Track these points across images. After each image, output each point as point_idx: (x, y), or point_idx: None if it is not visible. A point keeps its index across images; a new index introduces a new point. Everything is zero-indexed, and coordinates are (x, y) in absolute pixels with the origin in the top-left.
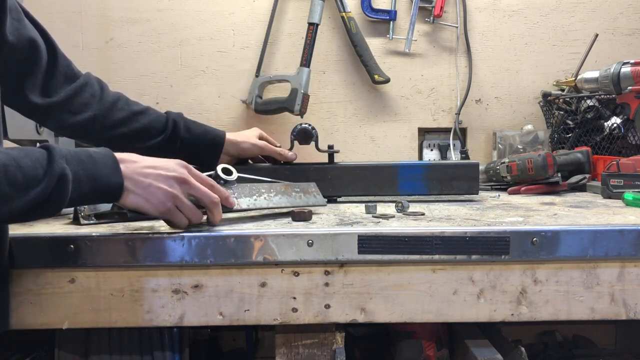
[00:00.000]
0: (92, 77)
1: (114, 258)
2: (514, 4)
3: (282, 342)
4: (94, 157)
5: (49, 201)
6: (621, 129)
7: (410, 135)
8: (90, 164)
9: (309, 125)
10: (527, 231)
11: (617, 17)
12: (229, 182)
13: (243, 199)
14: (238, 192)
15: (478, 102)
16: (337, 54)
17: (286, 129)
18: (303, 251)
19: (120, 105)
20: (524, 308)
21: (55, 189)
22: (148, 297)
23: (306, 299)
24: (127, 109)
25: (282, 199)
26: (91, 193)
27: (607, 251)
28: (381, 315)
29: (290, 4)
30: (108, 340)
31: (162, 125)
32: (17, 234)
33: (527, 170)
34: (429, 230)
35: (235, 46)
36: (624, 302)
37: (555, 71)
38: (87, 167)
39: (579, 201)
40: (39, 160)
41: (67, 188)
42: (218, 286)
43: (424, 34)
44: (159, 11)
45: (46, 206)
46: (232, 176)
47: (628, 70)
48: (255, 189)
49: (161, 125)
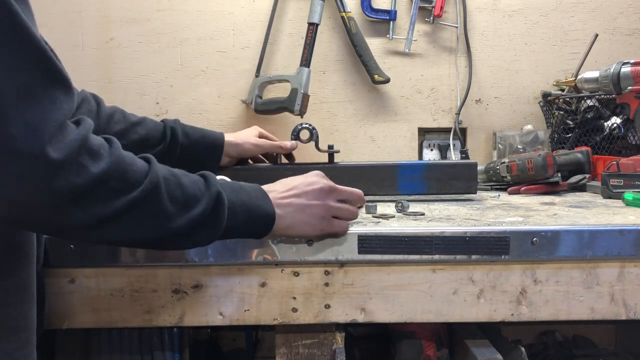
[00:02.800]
0: (87, 93)
1: (114, 258)
2: (514, 4)
3: (282, 342)
4: (244, 187)
5: (206, 224)
6: (621, 129)
7: (410, 135)
8: (242, 193)
9: (309, 125)
10: (527, 231)
11: (617, 17)
12: None
13: None
14: None
15: (478, 102)
16: (337, 54)
17: (286, 129)
18: (303, 251)
19: (116, 118)
20: (524, 308)
21: (213, 211)
22: (148, 297)
23: (306, 299)
24: (124, 121)
25: None
26: (245, 223)
27: (607, 251)
28: (381, 315)
29: (290, 4)
30: (108, 340)
31: (160, 134)
32: None
33: (527, 170)
34: (429, 230)
35: (235, 46)
36: (624, 302)
37: (555, 71)
38: (240, 195)
39: (579, 201)
40: (196, 182)
41: (224, 212)
42: (218, 286)
43: (424, 34)
44: (159, 11)
45: (203, 230)
46: None
47: (628, 70)
48: None
49: (159, 134)
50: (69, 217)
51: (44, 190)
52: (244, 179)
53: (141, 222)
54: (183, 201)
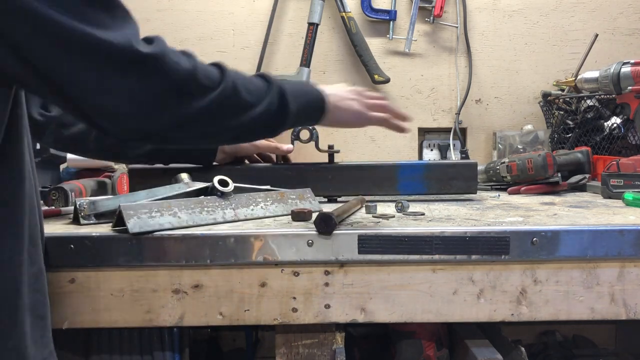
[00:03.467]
0: None
1: (114, 258)
2: (514, 4)
3: (282, 342)
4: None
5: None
6: (621, 129)
7: (410, 135)
8: (297, 84)
9: (311, 128)
10: (527, 231)
11: (617, 17)
12: (226, 193)
13: (240, 210)
14: (235, 202)
15: (478, 102)
16: (337, 54)
17: None
18: (303, 251)
19: None
20: (524, 308)
21: (280, 100)
22: (148, 297)
23: (306, 299)
24: None
25: (279, 207)
26: (305, 106)
27: (607, 251)
28: (381, 315)
29: (290, 4)
30: (108, 340)
31: None
32: None
33: (527, 170)
34: (429, 230)
35: (235, 46)
36: (624, 302)
37: (555, 71)
38: (296, 85)
39: (579, 201)
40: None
41: (287, 99)
42: (218, 286)
43: (424, 34)
44: (159, 11)
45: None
46: (228, 187)
47: (628, 70)
48: (252, 199)
49: None
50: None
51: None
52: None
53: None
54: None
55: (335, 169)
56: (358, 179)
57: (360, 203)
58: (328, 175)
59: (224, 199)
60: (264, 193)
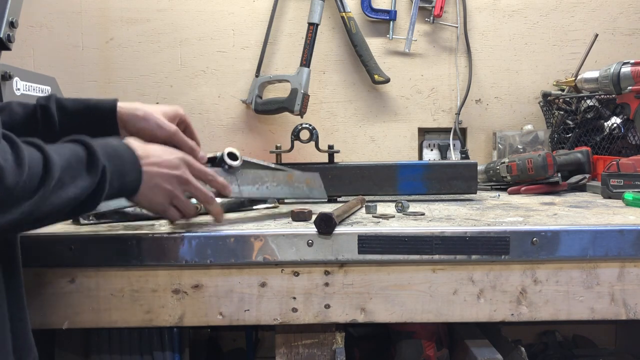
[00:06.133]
0: None
1: (114, 258)
2: (514, 4)
3: (282, 342)
4: (119, 152)
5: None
6: (621, 129)
7: (410, 135)
8: (118, 161)
9: (309, 125)
10: (527, 231)
11: (617, 17)
12: (234, 167)
13: (245, 187)
14: (241, 179)
15: (478, 102)
16: (337, 54)
17: (286, 128)
18: (303, 251)
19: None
20: (524, 308)
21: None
22: (148, 297)
23: (306, 299)
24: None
25: (284, 189)
26: (118, 190)
27: (607, 251)
28: (381, 315)
29: (290, 4)
30: (108, 340)
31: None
32: None
33: (527, 170)
34: (429, 230)
35: (235, 46)
36: (624, 302)
37: (555, 71)
38: (117, 163)
39: (579, 201)
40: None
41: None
42: (218, 286)
43: (424, 34)
44: (159, 11)
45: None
46: (237, 161)
47: (628, 70)
48: (258, 177)
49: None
50: None
51: None
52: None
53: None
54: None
55: (335, 169)
56: (358, 179)
57: (360, 203)
58: (328, 175)
59: (230, 173)
60: (271, 173)
